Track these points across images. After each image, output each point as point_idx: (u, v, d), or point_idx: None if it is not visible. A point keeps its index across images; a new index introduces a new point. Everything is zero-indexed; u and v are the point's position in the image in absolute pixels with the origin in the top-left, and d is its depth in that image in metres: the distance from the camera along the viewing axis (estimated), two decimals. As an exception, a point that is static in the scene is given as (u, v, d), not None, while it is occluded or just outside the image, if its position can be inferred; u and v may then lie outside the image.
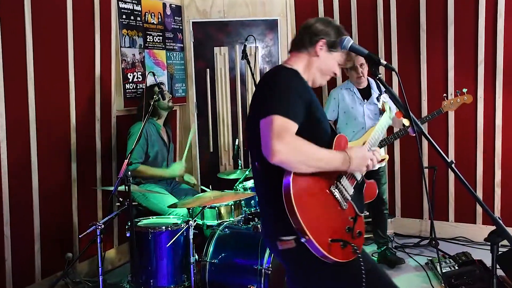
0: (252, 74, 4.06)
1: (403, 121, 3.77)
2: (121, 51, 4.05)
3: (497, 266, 1.73)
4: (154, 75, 3.41)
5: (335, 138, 1.87)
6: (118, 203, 2.95)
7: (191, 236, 3.03)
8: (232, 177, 3.89)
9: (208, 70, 4.85)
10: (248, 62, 3.97)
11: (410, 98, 4.46)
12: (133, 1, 4.17)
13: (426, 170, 4.48)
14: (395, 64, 4.55)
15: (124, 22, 4.08)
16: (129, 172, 2.84)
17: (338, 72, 1.98)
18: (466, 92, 3.57)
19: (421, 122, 3.70)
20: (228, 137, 4.90)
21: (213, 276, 3.07)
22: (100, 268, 2.90)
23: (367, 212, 4.21)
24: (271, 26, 4.81)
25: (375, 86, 3.84)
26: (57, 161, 3.59)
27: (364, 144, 2.01)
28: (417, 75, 4.49)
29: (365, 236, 4.22)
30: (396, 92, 4.22)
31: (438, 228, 4.48)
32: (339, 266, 1.74)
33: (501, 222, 1.61)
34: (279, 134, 1.62)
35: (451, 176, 4.44)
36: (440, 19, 4.35)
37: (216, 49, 4.83)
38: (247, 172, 3.72)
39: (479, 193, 4.31)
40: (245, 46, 3.96)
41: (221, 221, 3.34)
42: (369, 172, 1.94)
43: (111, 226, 4.07)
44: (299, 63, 1.92)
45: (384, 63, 1.80)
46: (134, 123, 3.81)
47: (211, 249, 3.11)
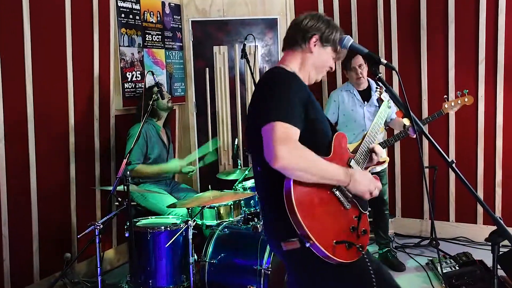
0: (252, 73, 4.04)
1: (404, 121, 3.77)
2: (120, 50, 4.04)
3: (498, 267, 1.72)
4: (153, 74, 3.40)
5: (334, 137, 1.86)
6: (117, 203, 2.94)
7: (190, 236, 3.03)
8: (232, 177, 3.87)
9: (208, 69, 4.83)
10: (248, 61, 3.95)
11: (411, 97, 4.44)
12: (132, 0, 4.15)
13: (427, 170, 4.47)
14: (395, 63, 4.53)
15: (123, 21, 4.07)
16: (128, 172, 2.83)
17: (333, 66, 1.98)
18: (467, 93, 3.55)
19: (422, 124, 3.68)
20: (228, 137, 4.89)
21: (213, 277, 3.07)
22: (99, 269, 2.89)
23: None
24: (271, 25, 4.80)
25: (376, 88, 3.82)
26: (56, 161, 3.59)
27: (362, 142, 2.00)
28: (418, 74, 4.47)
29: (367, 236, 4.28)
30: (397, 91, 4.21)
31: (439, 228, 4.47)
32: (344, 267, 1.73)
33: (502, 222, 1.61)
34: (282, 140, 1.61)
35: (452, 176, 4.42)
36: (441, 17, 4.33)
37: (216, 48, 4.82)
38: (247, 172, 3.71)
39: (480, 193, 4.31)
40: (245, 45, 3.94)
41: (221, 221, 3.33)
42: (370, 173, 1.93)
43: (110, 226, 4.07)
44: (294, 62, 1.91)
45: (384, 62, 1.80)
46: (134, 124, 3.79)
47: (211, 249, 3.11)
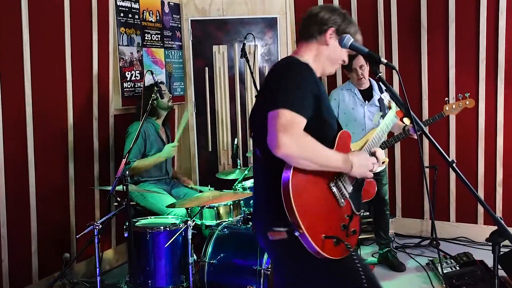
0: (251, 73, 4.03)
1: (404, 120, 3.75)
2: (119, 49, 4.02)
3: (499, 267, 1.72)
4: (152, 74, 3.38)
5: (339, 134, 1.88)
6: (116, 203, 2.93)
7: (190, 236, 3.02)
8: (231, 177, 3.86)
9: (207, 69, 4.82)
10: (247, 61, 3.93)
11: (411, 97, 4.43)
12: (131, -1, 4.15)
13: (427, 170, 4.46)
14: (396, 63, 4.52)
15: (122, 20, 4.05)
16: (127, 172, 2.82)
17: (347, 60, 1.99)
18: (469, 96, 3.53)
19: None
20: (227, 137, 4.88)
21: (212, 277, 3.06)
22: (98, 269, 2.88)
23: (367, 212, 4.18)
24: (271, 24, 4.78)
25: (377, 88, 3.81)
26: (54, 161, 3.57)
27: (365, 144, 2.01)
28: (418, 74, 4.46)
29: (367, 237, 4.30)
30: (397, 91, 4.19)
31: (439, 228, 4.47)
32: (330, 263, 1.73)
33: (503, 222, 1.61)
34: (286, 128, 1.61)
35: (452, 176, 4.41)
36: (441, 17, 4.32)
37: (215, 48, 4.80)
38: (246, 172, 3.69)
39: (481, 193, 4.29)
40: (244, 45, 3.92)
41: (220, 221, 3.33)
42: None
43: (109, 226, 4.05)
44: (309, 53, 1.91)
45: (385, 62, 1.79)
46: (133, 122, 3.79)
47: (210, 250, 3.10)
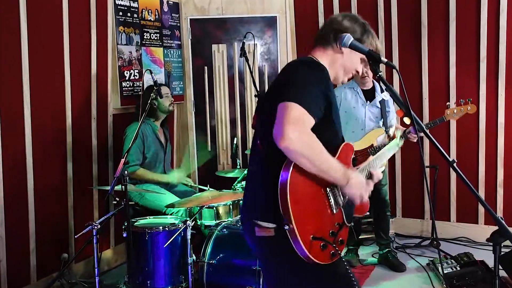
0: (251, 72, 4.01)
1: (404, 120, 3.74)
2: (118, 49, 4.01)
3: (500, 267, 1.71)
4: (151, 73, 3.37)
5: (343, 145, 1.87)
6: (115, 203, 2.93)
7: (189, 237, 3.01)
8: (230, 176, 3.85)
9: (206, 68, 4.81)
10: (247, 60, 3.92)
11: (411, 96, 4.41)
12: (130, -2, 4.13)
13: (428, 170, 4.46)
14: (396, 62, 4.51)
15: (121, 19, 4.04)
16: (126, 172, 2.82)
17: (360, 70, 1.97)
18: (470, 102, 3.50)
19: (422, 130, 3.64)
20: (226, 136, 4.86)
21: (211, 277, 3.05)
22: (96, 269, 2.88)
23: (368, 212, 4.16)
24: (270, 23, 4.77)
25: (379, 89, 3.80)
26: (53, 160, 3.56)
27: (364, 164, 1.98)
28: (418, 73, 4.45)
29: (367, 237, 4.28)
30: (397, 90, 4.18)
31: (440, 228, 4.46)
32: (318, 267, 1.72)
33: (504, 222, 1.61)
34: (295, 122, 1.61)
35: (453, 176, 4.40)
36: (442, 16, 4.31)
37: (214, 47, 4.79)
38: (246, 172, 3.68)
39: (481, 193, 4.28)
40: (244, 44, 3.91)
41: (219, 221, 3.32)
42: None
43: (108, 226, 4.04)
44: (324, 59, 1.91)
45: (385, 61, 1.78)
46: (131, 123, 3.77)
47: (209, 250, 3.09)
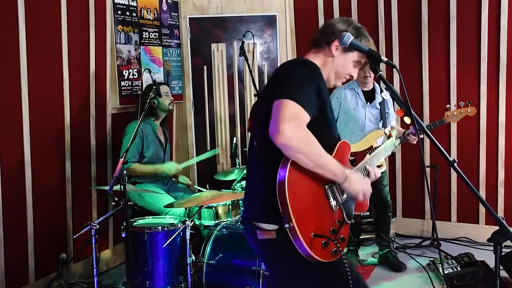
0: (250, 71, 4.00)
1: (405, 119, 3.72)
2: (116, 48, 3.99)
3: (500, 267, 1.70)
4: (150, 72, 3.35)
5: (339, 143, 1.87)
6: (114, 203, 2.91)
7: (188, 237, 3.00)
8: (230, 177, 3.83)
9: (205, 67, 4.79)
10: (246, 59, 3.90)
11: (411, 96, 4.40)
12: (129, -3, 4.11)
13: (428, 169, 4.45)
14: (396, 61, 4.50)
15: (120, 18, 4.02)
16: (125, 172, 2.81)
17: (355, 75, 1.96)
18: (470, 104, 3.49)
19: (422, 131, 3.64)
20: (226, 136, 4.85)
21: (210, 278, 3.05)
22: (95, 269, 2.87)
23: (368, 212, 4.16)
24: (270, 22, 4.75)
25: (379, 90, 3.78)
26: (51, 160, 3.55)
27: (362, 163, 1.99)
28: (419, 72, 4.44)
29: (367, 237, 4.27)
30: (397, 90, 4.16)
31: (440, 229, 4.45)
32: (320, 266, 1.72)
33: (505, 222, 1.61)
34: (291, 119, 1.62)
35: (454, 175, 4.39)
36: (442, 15, 4.29)
37: (214, 46, 4.77)
38: (245, 171, 3.66)
39: (482, 193, 4.27)
40: (243, 43, 3.90)
41: (219, 221, 3.30)
42: None
43: (106, 226, 4.04)
44: (316, 61, 1.90)
45: (385, 60, 1.78)
46: (131, 122, 3.76)
47: (208, 250, 3.09)
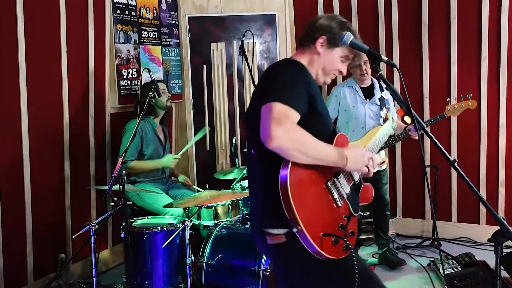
0: (250, 71, 3.99)
1: (405, 119, 3.71)
2: (116, 47, 3.98)
3: (501, 267, 1.69)
4: (149, 72, 3.34)
5: (336, 137, 1.86)
6: (113, 203, 2.91)
7: (187, 237, 2.99)
8: (229, 177, 3.82)
9: (205, 67, 4.78)
10: (246, 58, 3.89)
11: (412, 95, 4.39)
12: (128, -4, 4.10)
13: (428, 169, 4.44)
14: (396, 61, 4.49)
15: (119, 17, 4.01)
16: (124, 172, 2.80)
17: (344, 70, 1.95)
18: (471, 97, 3.48)
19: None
20: (225, 135, 4.84)
21: (210, 278, 3.04)
22: (94, 270, 2.86)
23: (368, 212, 4.15)
24: (269, 21, 4.74)
25: (378, 86, 3.77)
26: (50, 160, 3.54)
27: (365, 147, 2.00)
28: (419, 72, 4.43)
29: (366, 237, 4.26)
30: (398, 89, 4.15)
31: (441, 229, 4.44)
32: (330, 264, 1.71)
33: (505, 222, 1.60)
34: (279, 121, 1.61)
35: (454, 175, 4.38)
36: (443, 14, 4.29)
37: (213, 45, 4.76)
38: (245, 171, 3.66)
39: (483, 193, 4.26)
40: (243, 42, 3.89)
41: (218, 221, 3.30)
42: None
43: (105, 227, 4.03)
44: (303, 60, 1.90)
45: (385, 59, 1.77)
46: (130, 120, 3.76)
47: (208, 250, 3.09)
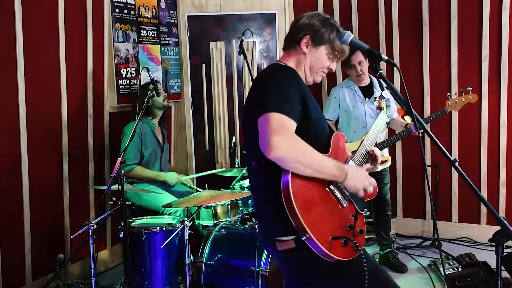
0: (249, 70, 3.99)
1: (405, 119, 3.70)
2: (114, 46, 3.97)
3: (502, 268, 1.69)
4: (148, 71, 3.34)
5: (333, 136, 1.85)
6: (111, 203, 2.91)
7: (187, 237, 2.99)
8: (228, 174, 3.82)
9: (204, 66, 4.77)
10: (245, 58, 3.88)
11: (412, 94, 4.38)
12: (127, -6, 4.09)
13: (429, 169, 4.43)
14: (397, 60, 4.49)
15: (117, 16, 3.99)
16: (123, 171, 2.81)
17: (333, 67, 1.92)
18: (471, 91, 3.47)
19: (425, 123, 3.62)
20: (225, 135, 4.83)
21: (209, 278, 3.04)
22: (93, 270, 2.87)
23: (368, 212, 4.13)
24: (269, 20, 4.73)
25: (378, 85, 3.75)
26: (48, 160, 3.54)
27: (360, 147, 1.97)
28: (419, 71, 4.42)
29: (367, 237, 4.24)
30: (398, 89, 4.14)
31: (441, 229, 4.44)
32: (340, 266, 1.71)
33: (506, 222, 1.59)
34: (278, 131, 1.61)
35: (455, 175, 4.37)
36: (443, 13, 4.28)
37: (212, 44, 4.74)
38: (244, 171, 3.65)
39: (483, 192, 4.26)
40: (242, 41, 3.88)
41: (217, 221, 3.29)
42: (372, 172, 1.91)
43: (104, 227, 4.03)
44: (290, 62, 1.89)
45: (386, 59, 1.76)
46: (128, 122, 3.75)
47: (207, 250, 3.08)
